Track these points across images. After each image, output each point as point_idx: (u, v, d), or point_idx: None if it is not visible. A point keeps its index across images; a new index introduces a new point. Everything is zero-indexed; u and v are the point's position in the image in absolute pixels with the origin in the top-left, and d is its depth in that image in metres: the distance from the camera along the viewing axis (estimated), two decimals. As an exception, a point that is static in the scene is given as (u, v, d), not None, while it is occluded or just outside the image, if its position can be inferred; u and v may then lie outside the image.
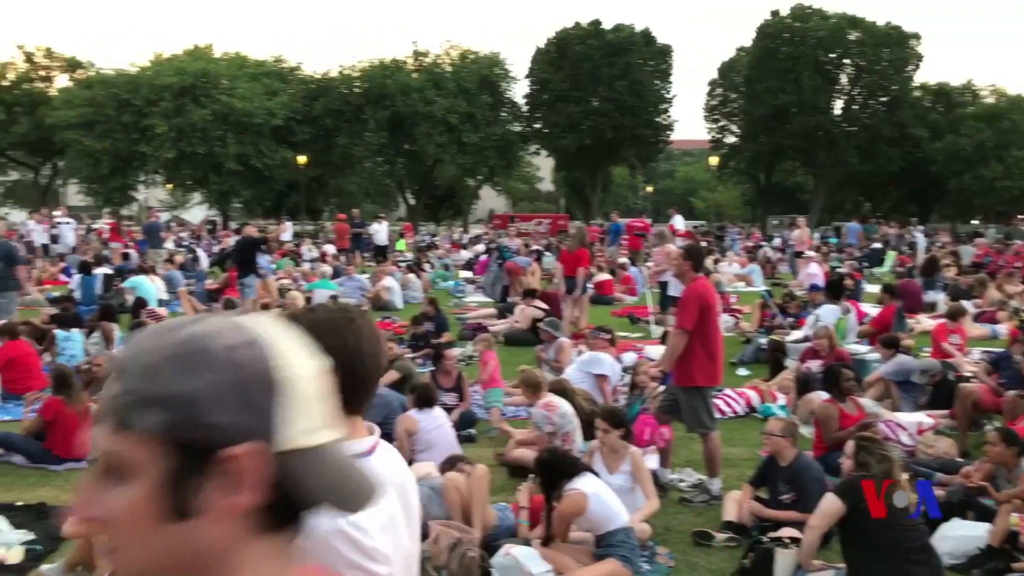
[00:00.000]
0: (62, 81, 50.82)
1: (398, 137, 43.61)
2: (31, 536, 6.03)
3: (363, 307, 17.31)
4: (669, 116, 49.37)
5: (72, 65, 51.50)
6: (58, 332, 11.32)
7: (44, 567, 5.57)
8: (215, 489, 0.91)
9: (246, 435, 0.91)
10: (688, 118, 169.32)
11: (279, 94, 42.33)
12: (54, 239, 26.43)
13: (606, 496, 5.35)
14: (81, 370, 10.35)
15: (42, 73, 51.60)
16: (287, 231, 32.71)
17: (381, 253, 26.50)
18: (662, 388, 7.68)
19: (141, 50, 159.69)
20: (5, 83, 50.14)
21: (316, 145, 43.97)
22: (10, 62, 50.85)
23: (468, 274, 23.52)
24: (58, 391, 7.91)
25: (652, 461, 6.93)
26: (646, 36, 48.02)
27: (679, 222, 23.82)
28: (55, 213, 31.32)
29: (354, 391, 1.82)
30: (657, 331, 13.25)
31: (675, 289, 12.61)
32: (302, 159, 42.40)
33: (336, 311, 1.96)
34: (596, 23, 47.39)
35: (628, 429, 6.43)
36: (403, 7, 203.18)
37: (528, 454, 7.21)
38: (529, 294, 14.47)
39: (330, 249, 27.36)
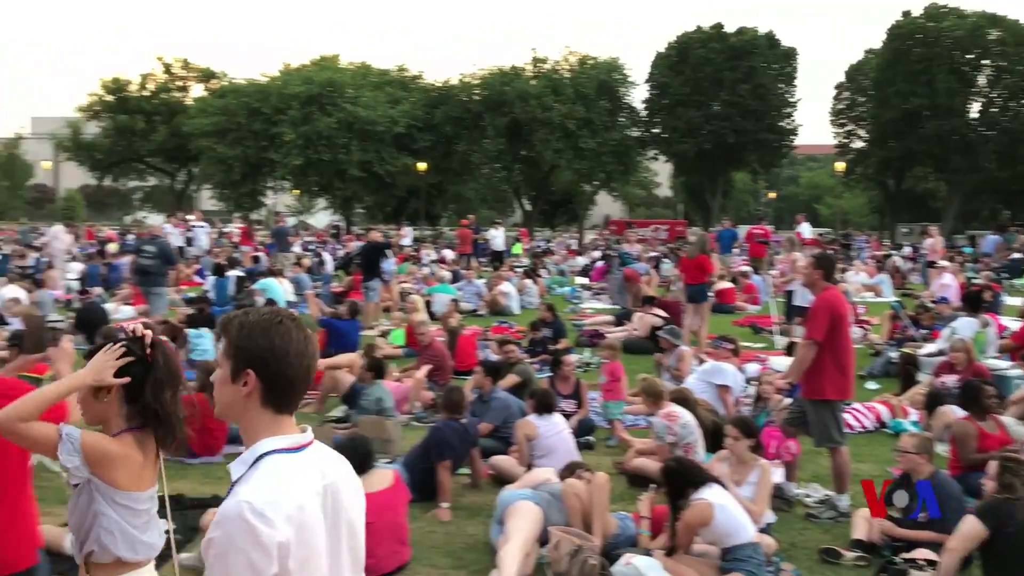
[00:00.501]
0: (197, 91, 53.51)
1: (516, 143, 43.96)
2: (173, 526, 6.31)
3: (479, 312, 17.55)
4: (793, 120, 48.25)
5: (207, 76, 54.09)
6: (189, 330, 11.85)
7: (182, 555, 5.82)
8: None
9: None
10: (813, 122, 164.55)
11: (401, 102, 43.30)
12: (189, 242, 27.63)
13: (733, 508, 5.23)
14: (212, 368, 10.81)
15: (179, 84, 54.43)
16: (407, 236, 33.41)
17: (497, 258, 26.74)
18: (788, 400, 7.46)
19: (271, 60, 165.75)
20: (145, 93, 53.07)
21: (436, 152, 44.76)
22: (150, 73, 53.83)
23: (584, 280, 23.47)
24: (201, 388, 8.26)
25: (777, 475, 6.73)
26: (770, 39, 47.01)
27: (806, 230, 23.16)
28: (189, 217, 32.82)
29: (282, 391, 2.00)
30: (781, 342, 12.90)
31: (801, 299, 12.28)
32: (422, 166, 43.24)
33: (266, 313, 2.06)
34: (718, 26, 46.68)
35: (758, 440, 6.28)
36: (523, 15, 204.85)
37: (648, 464, 7.13)
38: (647, 301, 14.32)
39: (449, 254, 27.78)
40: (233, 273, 18.49)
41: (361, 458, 5.66)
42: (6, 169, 66.88)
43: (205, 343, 11.64)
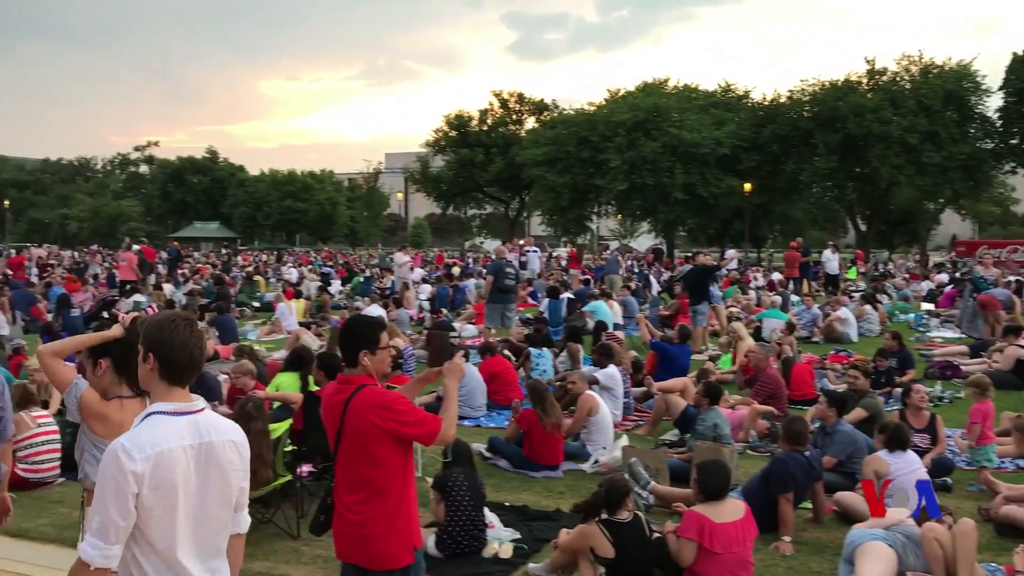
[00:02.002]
0: (530, 123, 56.55)
1: (849, 160, 41.61)
2: (518, 535, 6.69)
3: (814, 338, 16.76)
4: None
5: (539, 108, 57.07)
6: (532, 350, 12.51)
7: (531, 565, 6.15)
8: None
9: None
10: None
11: (726, 123, 42.73)
12: (522, 265, 29.19)
13: None
14: (553, 385, 11.32)
15: (514, 117, 57.88)
16: (732, 259, 32.82)
17: (832, 282, 25.43)
18: None
19: (598, 89, 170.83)
20: (484, 128, 57.02)
21: (762, 172, 43.60)
22: (488, 109, 57.77)
23: (930, 306, 21.66)
24: (535, 404, 8.71)
25: None
26: None
27: None
28: (520, 242, 34.67)
29: (171, 367, 2.79)
30: None
31: None
32: (748, 186, 42.32)
33: (165, 315, 2.91)
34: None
35: None
36: (857, 24, 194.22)
37: (1020, 512, 6.43)
38: (1012, 331, 12.92)
39: (777, 277, 26.89)
40: (565, 295, 19.25)
41: (721, 483, 5.64)
42: (366, 201, 74.85)
43: (545, 363, 12.21)
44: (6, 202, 70.01)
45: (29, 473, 7.94)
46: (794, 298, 21.33)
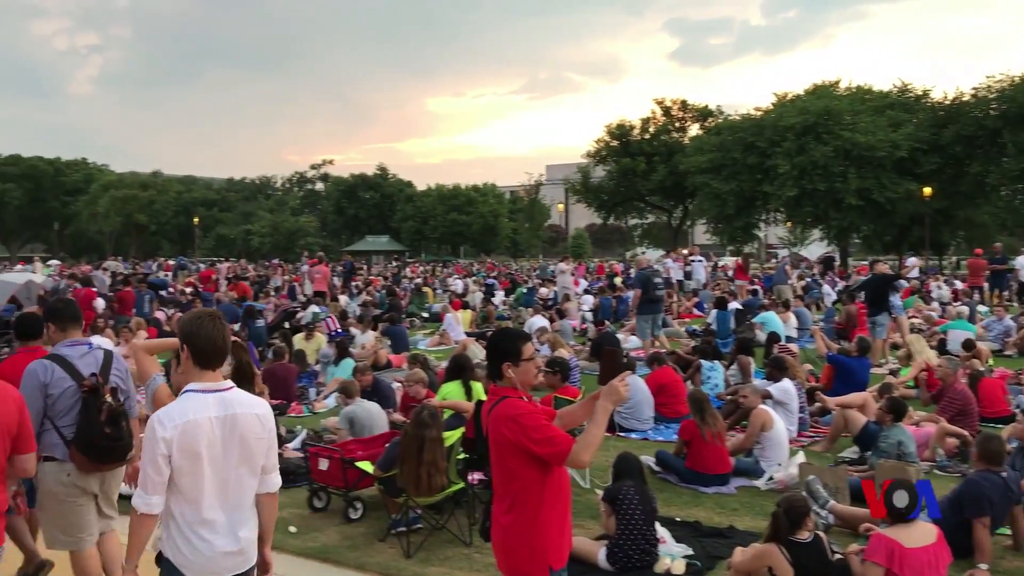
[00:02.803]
0: (694, 130, 55.66)
1: (1044, 160, 38.66)
2: (691, 551, 6.55)
3: (1006, 352, 15.64)
4: None
5: (703, 115, 56.13)
6: (703, 362, 12.26)
7: (702, 581, 6.00)
8: None
9: None
10: None
11: (903, 124, 40.57)
12: (687, 275, 28.71)
13: None
14: (724, 399, 11.07)
15: (677, 124, 57.14)
16: (914, 268, 31.13)
17: (1024, 291, 23.66)
18: None
19: (764, 94, 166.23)
20: (646, 136, 56.57)
21: (943, 175, 41.09)
22: (651, 117, 57.29)
23: None
24: (694, 413, 8.53)
25: None
26: None
27: None
28: (684, 252, 34.11)
29: (201, 355, 3.47)
30: None
31: None
32: (927, 190, 39.99)
33: (196, 313, 3.65)
34: None
35: None
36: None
37: None
38: None
39: (960, 286, 25.27)
40: (733, 306, 18.78)
41: (911, 504, 5.22)
42: (527, 212, 75.74)
43: (716, 376, 11.95)
44: (196, 219, 75.21)
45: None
46: (981, 308, 19.98)
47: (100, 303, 20.62)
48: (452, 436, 7.12)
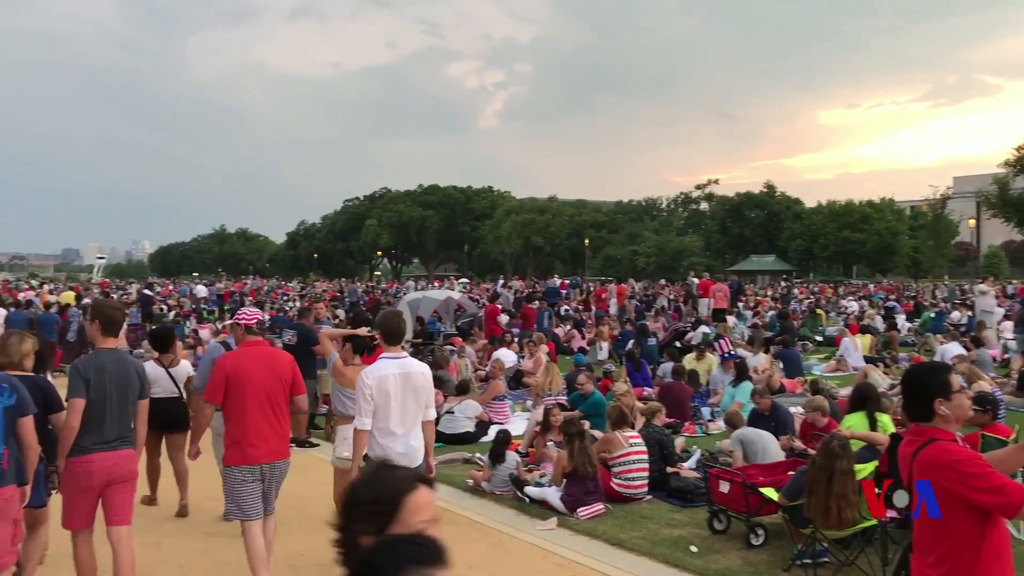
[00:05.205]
0: None
1: None
2: None
3: None
4: None
5: None
6: None
7: None
8: None
9: None
10: None
11: None
12: None
13: None
14: None
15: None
16: None
17: None
18: None
19: None
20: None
21: None
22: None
23: None
24: None
25: None
26: None
27: None
28: None
29: (392, 336, 6.00)
30: None
31: None
32: None
33: (391, 311, 6.46)
34: None
35: None
36: None
37: None
38: None
39: None
40: None
41: None
42: (932, 229, 69.53)
43: None
44: (587, 241, 78.93)
45: (623, 488, 8.75)
46: None
47: (503, 318, 22.43)
48: (864, 469, 6.72)
